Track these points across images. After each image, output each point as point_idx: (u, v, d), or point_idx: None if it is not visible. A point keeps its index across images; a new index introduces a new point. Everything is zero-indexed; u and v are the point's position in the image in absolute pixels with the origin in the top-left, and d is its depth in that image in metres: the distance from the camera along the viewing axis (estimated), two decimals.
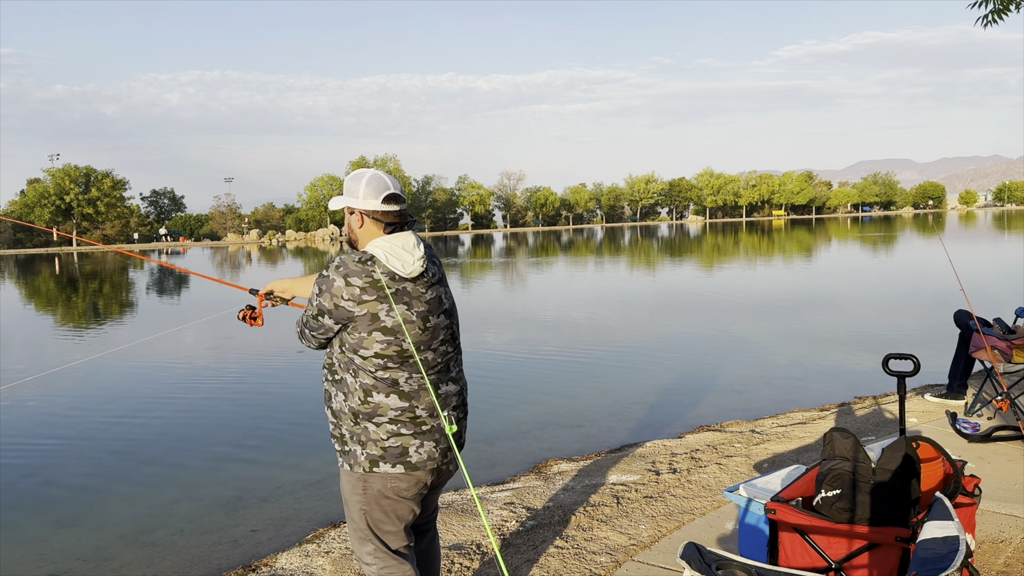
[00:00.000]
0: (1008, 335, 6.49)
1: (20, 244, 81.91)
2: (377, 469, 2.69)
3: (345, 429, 2.73)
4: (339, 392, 2.73)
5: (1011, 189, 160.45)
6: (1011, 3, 7.38)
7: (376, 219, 2.70)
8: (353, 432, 2.71)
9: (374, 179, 2.73)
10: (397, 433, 2.67)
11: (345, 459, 2.76)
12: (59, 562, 5.13)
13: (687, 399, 8.83)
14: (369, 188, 2.71)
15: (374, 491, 2.72)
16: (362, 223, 2.73)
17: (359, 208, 2.71)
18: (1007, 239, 45.56)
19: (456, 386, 2.85)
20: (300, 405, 9.37)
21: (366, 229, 2.73)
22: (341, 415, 2.74)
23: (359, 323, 2.61)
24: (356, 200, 2.71)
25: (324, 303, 2.65)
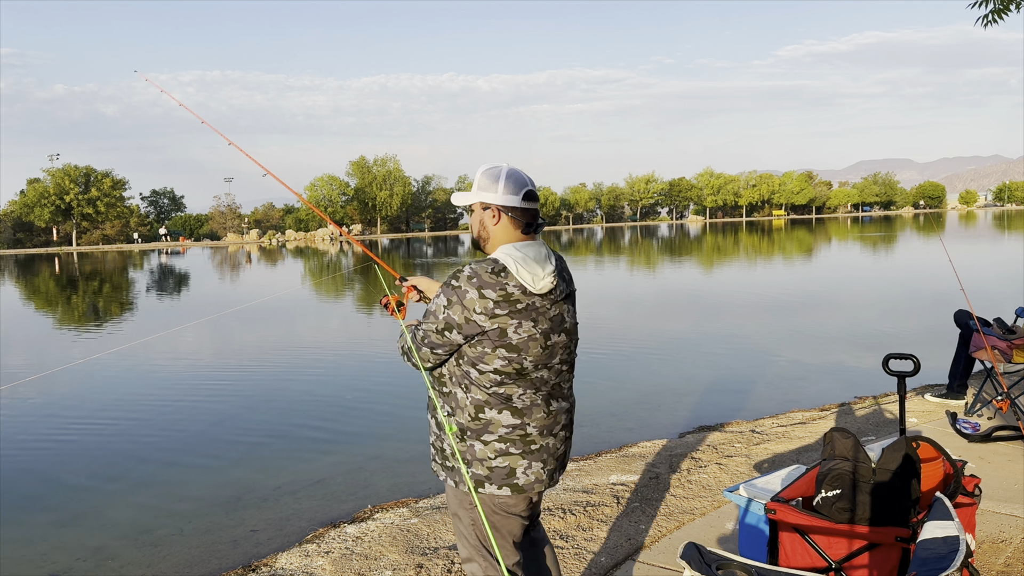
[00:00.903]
0: (1008, 335, 6.49)
1: (20, 244, 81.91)
2: (483, 490, 2.55)
3: (448, 443, 2.60)
4: (446, 405, 2.60)
5: (1011, 189, 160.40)
6: (1011, 3, 7.37)
7: (515, 217, 2.53)
8: (456, 449, 2.54)
9: (513, 174, 2.55)
10: (505, 452, 2.53)
11: (449, 475, 2.63)
12: (59, 562, 5.13)
13: (687, 399, 8.84)
14: (509, 183, 2.52)
15: (484, 508, 2.59)
16: (498, 220, 2.54)
17: (497, 204, 2.53)
18: (1007, 239, 45.56)
19: (566, 403, 2.70)
20: (301, 405, 9.37)
21: (501, 227, 2.55)
22: (444, 431, 2.62)
23: (486, 338, 2.45)
24: (494, 195, 2.53)
25: (454, 316, 2.45)
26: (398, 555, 4.43)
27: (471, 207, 2.60)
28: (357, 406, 9.19)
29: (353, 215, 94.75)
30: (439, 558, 4.32)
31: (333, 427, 8.26)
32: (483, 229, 2.58)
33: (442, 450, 2.63)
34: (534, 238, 2.58)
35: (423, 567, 4.22)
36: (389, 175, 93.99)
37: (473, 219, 2.62)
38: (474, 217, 2.60)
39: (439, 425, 2.63)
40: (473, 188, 2.59)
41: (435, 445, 2.68)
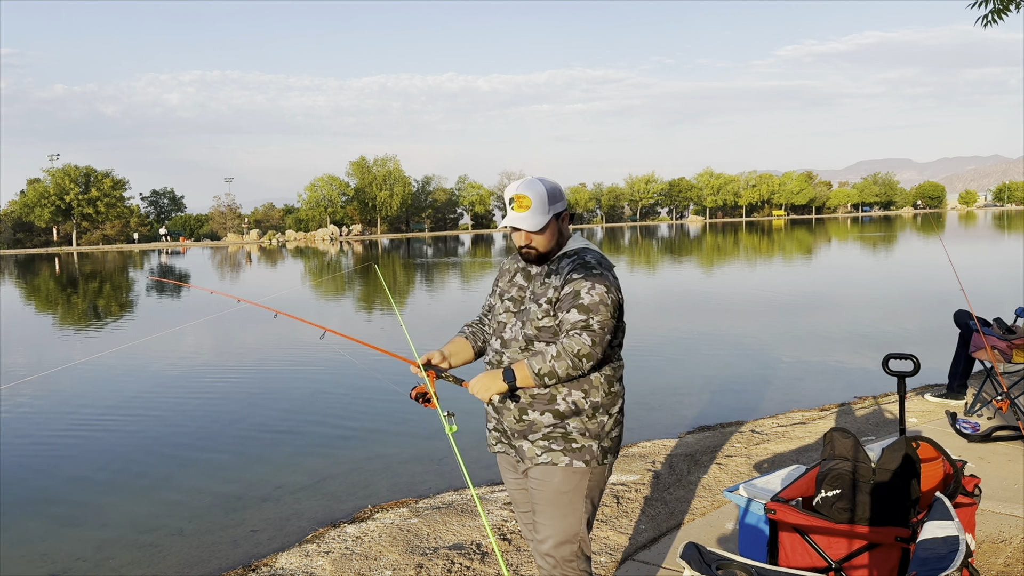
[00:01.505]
0: (1008, 335, 6.49)
1: (20, 244, 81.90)
2: (606, 461, 2.73)
3: (574, 426, 2.66)
4: (575, 390, 2.65)
5: (1011, 189, 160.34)
6: (1011, 3, 7.37)
7: (568, 213, 2.79)
8: (587, 428, 2.67)
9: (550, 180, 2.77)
10: (620, 423, 2.78)
11: (573, 456, 2.67)
12: (59, 562, 5.13)
13: (687, 399, 8.83)
14: (560, 189, 2.76)
15: (595, 484, 2.73)
16: (567, 222, 2.78)
17: (565, 210, 2.76)
18: (1007, 239, 45.56)
19: None
20: (301, 405, 9.37)
21: (568, 227, 2.81)
22: (571, 414, 2.66)
23: (620, 312, 2.70)
24: (562, 203, 2.74)
25: (620, 296, 2.67)
26: (398, 555, 4.43)
27: (545, 226, 2.67)
28: (357, 406, 9.19)
29: (353, 215, 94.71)
30: (439, 558, 4.32)
31: (333, 427, 8.26)
32: (560, 236, 2.74)
33: (565, 435, 2.66)
34: None
35: (423, 567, 4.22)
36: (389, 175, 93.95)
37: (549, 232, 2.69)
38: (550, 231, 2.69)
39: (560, 415, 2.66)
40: (540, 209, 2.65)
41: (550, 435, 2.68)
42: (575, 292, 2.59)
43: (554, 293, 2.65)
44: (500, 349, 2.76)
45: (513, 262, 2.90)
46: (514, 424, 2.72)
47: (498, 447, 2.88)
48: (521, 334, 2.70)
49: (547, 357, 2.55)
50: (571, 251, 2.74)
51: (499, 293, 2.88)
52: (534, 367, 2.56)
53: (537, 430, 2.68)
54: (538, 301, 2.68)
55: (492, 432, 2.88)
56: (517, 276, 2.84)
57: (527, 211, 2.65)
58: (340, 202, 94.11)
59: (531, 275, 2.78)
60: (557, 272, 2.70)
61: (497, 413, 2.77)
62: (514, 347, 2.71)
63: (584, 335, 2.55)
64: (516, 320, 2.74)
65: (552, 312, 2.65)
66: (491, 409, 2.80)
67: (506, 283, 2.87)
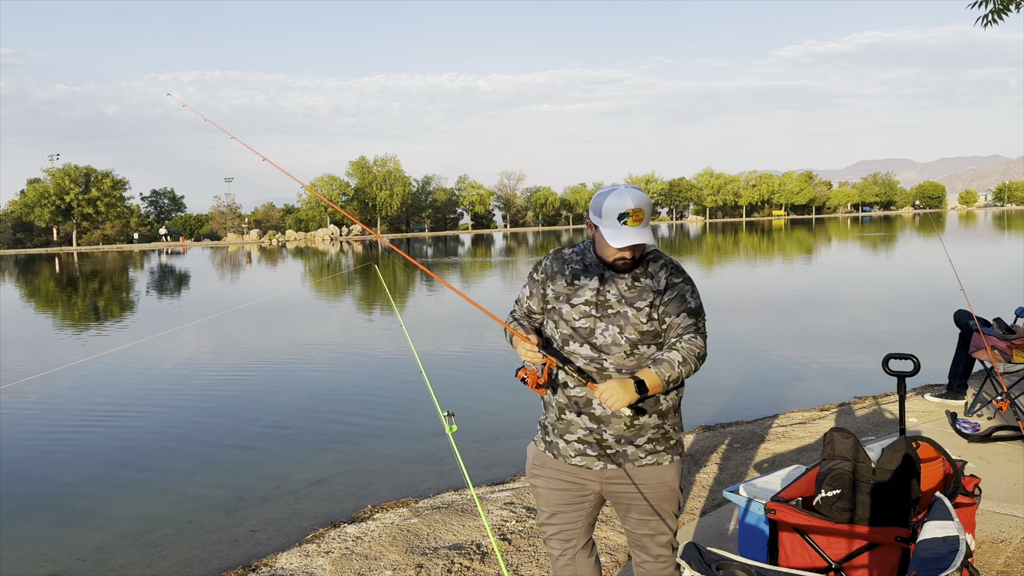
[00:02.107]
0: (1008, 335, 6.49)
1: (20, 244, 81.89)
2: (678, 457, 2.82)
3: (670, 424, 2.76)
4: (672, 390, 2.74)
5: (1011, 189, 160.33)
6: (1011, 3, 7.37)
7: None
8: (676, 423, 2.79)
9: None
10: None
11: (672, 452, 2.77)
12: (59, 562, 5.13)
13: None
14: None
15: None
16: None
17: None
18: (1007, 239, 45.56)
19: None
20: (301, 405, 9.37)
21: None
22: (670, 411, 2.75)
23: None
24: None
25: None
26: (398, 555, 4.43)
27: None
28: (357, 406, 9.19)
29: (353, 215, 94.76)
30: (439, 558, 4.32)
31: (333, 427, 8.26)
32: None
33: (665, 434, 2.73)
34: None
35: (423, 567, 4.22)
36: (389, 175, 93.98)
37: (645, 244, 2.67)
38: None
39: (663, 414, 2.71)
40: (649, 216, 2.64)
41: (652, 437, 2.71)
42: (681, 296, 2.65)
43: (654, 297, 2.64)
44: (595, 355, 2.65)
45: (562, 263, 2.79)
46: (623, 431, 2.67)
47: (579, 460, 2.74)
48: (623, 339, 2.63)
49: (674, 364, 2.56)
50: (650, 253, 2.73)
51: (562, 297, 2.74)
52: (664, 375, 2.55)
53: (644, 433, 2.69)
54: (635, 305, 2.64)
55: (574, 444, 2.74)
56: (584, 279, 2.72)
57: (640, 225, 2.59)
58: (340, 202, 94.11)
59: (606, 278, 2.69)
60: (647, 275, 2.68)
61: (595, 422, 2.69)
62: (616, 352, 2.64)
63: (698, 338, 2.63)
64: (607, 324, 2.65)
65: (655, 316, 2.64)
66: (583, 419, 2.70)
67: (564, 286, 2.74)
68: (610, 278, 2.68)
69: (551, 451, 2.81)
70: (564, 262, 2.79)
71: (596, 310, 2.67)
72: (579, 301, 2.70)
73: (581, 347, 2.68)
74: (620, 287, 2.67)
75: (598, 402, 2.64)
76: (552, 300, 2.77)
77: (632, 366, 2.63)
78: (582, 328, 2.68)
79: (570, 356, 2.69)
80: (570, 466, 2.76)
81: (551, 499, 2.82)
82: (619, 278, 2.67)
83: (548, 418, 2.84)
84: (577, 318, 2.69)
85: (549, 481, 2.82)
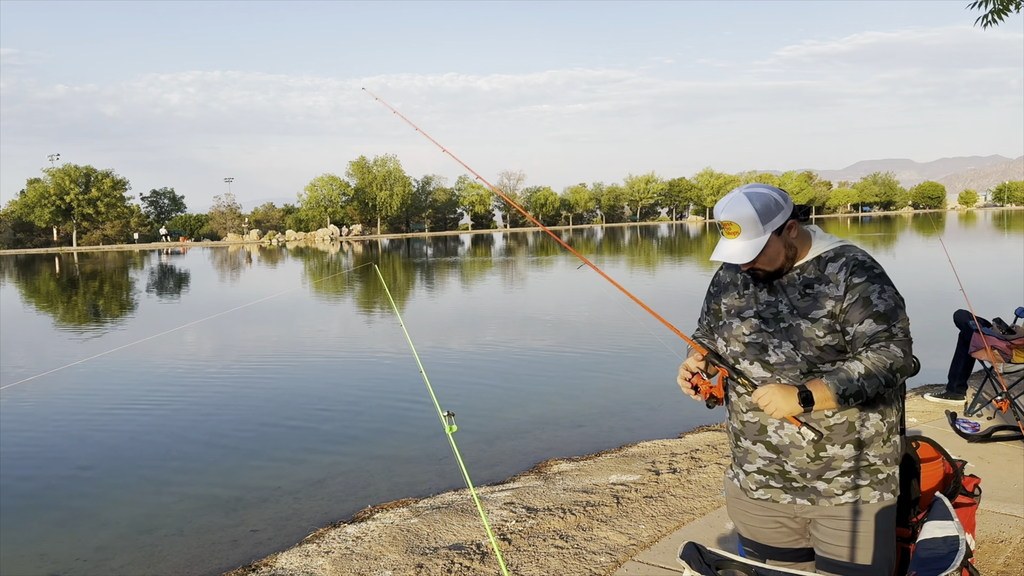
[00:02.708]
0: (1008, 335, 6.49)
1: (20, 244, 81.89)
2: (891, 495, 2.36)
3: (875, 454, 2.32)
4: (872, 413, 2.31)
5: (1011, 189, 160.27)
6: (1011, 3, 7.37)
7: (799, 217, 2.37)
8: (885, 453, 2.33)
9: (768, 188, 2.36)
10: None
11: (882, 489, 2.33)
12: (59, 562, 5.13)
13: (687, 399, 8.79)
14: (781, 195, 2.34)
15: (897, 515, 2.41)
16: (795, 230, 2.35)
17: (789, 218, 2.34)
18: (1007, 239, 45.57)
19: None
20: (301, 405, 9.37)
21: (800, 232, 2.37)
22: (874, 440, 2.32)
23: None
24: (784, 214, 2.31)
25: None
26: (398, 555, 4.43)
27: (765, 245, 2.29)
28: (357, 406, 9.19)
29: (353, 215, 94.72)
30: (439, 558, 4.32)
31: (333, 427, 8.26)
32: (788, 248, 2.33)
33: (869, 466, 2.32)
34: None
35: (423, 567, 4.22)
36: (389, 175, 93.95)
37: (771, 251, 2.30)
38: (772, 249, 2.30)
39: (861, 443, 2.30)
40: (753, 231, 2.27)
41: (845, 471, 2.31)
42: (864, 299, 2.22)
43: (833, 305, 2.25)
44: (767, 375, 2.35)
45: (735, 272, 2.51)
46: (807, 463, 2.32)
47: (761, 492, 2.42)
48: (799, 356, 2.29)
49: (853, 375, 2.17)
50: (829, 252, 2.34)
51: (733, 310, 2.47)
52: (839, 388, 2.16)
53: (837, 466, 2.31)
54: (809, 316, 2.28)
55: (754, 475, 2.43)
56: (753, 288, 2.42)
57: (737, 238, 2.29)
58: (340, 202, 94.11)
59: (776, 287, 2.37)
60: (823, 280, 2.30)
61: (773, 451, 2.37)
62: (791, 372, 2.30)
63: (892, 346, 2.19)
64: (780, 340, 2.32)
65: (836, 327, 2.25)
66: (760, 447, 2.40)
67: (736, 298, 2.46)
68: (783, 286, 2.36)
69: (737, 481, 2.52)
70: (737, 270, 2.49)
71: (767, 324, 2.35)
72: (749, 314, 2.40)
73: (752, 366, 2.39)
74: (792, 296, 2.33)
75: (774, 428, 2.35)
76: (724, 315, 2.50)
77: None
78: (753, 344, 2.38)
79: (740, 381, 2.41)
80: (754, 501, 2.44)
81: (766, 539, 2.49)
82: (792, 286, 2.34)
83: (731, 446, 2.56)
84: (747, 333, 2.40)
85: (748, 522, 2.52)
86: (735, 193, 2.32)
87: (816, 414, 2.26)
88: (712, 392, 2.42)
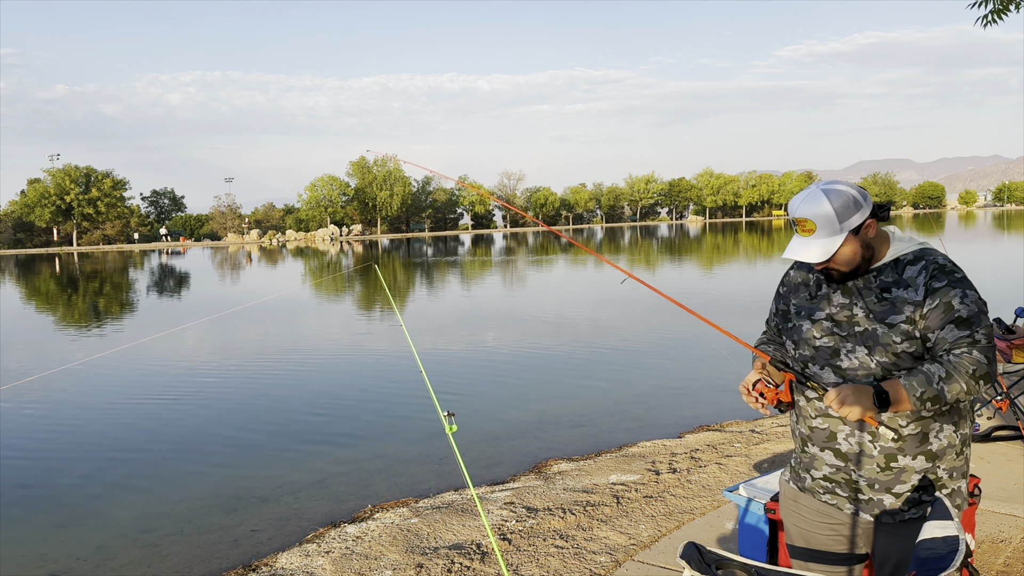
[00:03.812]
0: (1008, 335, 6.49)
1: (20, 244, 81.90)
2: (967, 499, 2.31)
3: (944, 468, 2.23)
4: (946, 423, 2.22)
5: (1011, 189, 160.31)
6: (1011, 3, 7.37)
7: (879, 216, 2.25)
8: (955, 467, 2.24)
9: (846, 184, 2.23)
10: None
11: (951, 499, 2.24)
12: (59, 562, 5.13)
13: (687, 399, 8.84)
14: (860, 193, 2.22)
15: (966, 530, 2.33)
16: (874, 228, 2.23)
17: (868, 217, 2.22)
18: (1007, 239, 45.57)
19: None
20: (301, 405, 9.37)
21: (878, 232, 2.26)
22: (943, 453, 2.23)
23: None
24: (863, 213, 2.19)
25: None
26: (398, 555, 4.43)
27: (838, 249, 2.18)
28: (357, 406, 9.19)
29: (353, 215, 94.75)
30: (439, 558, 4.32)
31: (333, 427, 8.27)
32: (866, 249, 2.22)
33: (937, 479, 2.23)
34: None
35: (423, 567, 4.22)
36: (389, 175, 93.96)
37: (847, 251, 2.18)
38: (846, 250, 2.18)
39: (932, 455, 2.21)
40: (829, 230, 2.17)
41: (917, 484, 2.22)
42: (946, 304, 2.11)
43: (912, 311, 2.14)
44: (839, 381, 2.25)
45: (808, 272, 2.40)
46: (876, 474, 2.23)
47: (828, 497, 2.35)
48: (873, 362, 2.19)
49: (932, 378, 2.08)
50: (908, 255, 2.22)
51: (803, 312, 2.36)
52: (916, 390, 2.07)
53: (907, 479, 2.22)
54: (887, 321, 2.17)
55: (820, 481, 2.35)
56: (826, 290, 2.31)
57: (811, 236, 2.19)
58: (340, 202, 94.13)
59: (851, 289, 2.26)
60: (902, 284, 2.18)
61: (842, 459, 2.28)
62: (864, 379, 2.21)
63: (974, 352, 2.09)
64: (853, 345, 2.22)
65: (915, 334, 2.15)
66: (827, 454, 2.31)
67: (807, 299, 2.36)
68: (858, 289, 2.25)
69: (797, 484, 2.44)
70: (810, 270, 2.39)
71: (840, 328, 2.25)
72: (821, 316, 2.30)
73: (822, 371, 2.29)
74: (869, 300, 2.22)
75: (844, 436, 2.26)
76: (793, 316, 2.39)
77: None
78: (824, 348, 2.28)
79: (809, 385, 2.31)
80: (819, 502, 2.37)
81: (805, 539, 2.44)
82: (868, 288, 2.23)
83: (795, 450, 2.48)
84: (818, 336, 2.30)
85: (800, 519, 2.45)
86: (812, 189, 2.21)
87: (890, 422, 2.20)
88: (779, 397, 2.31)
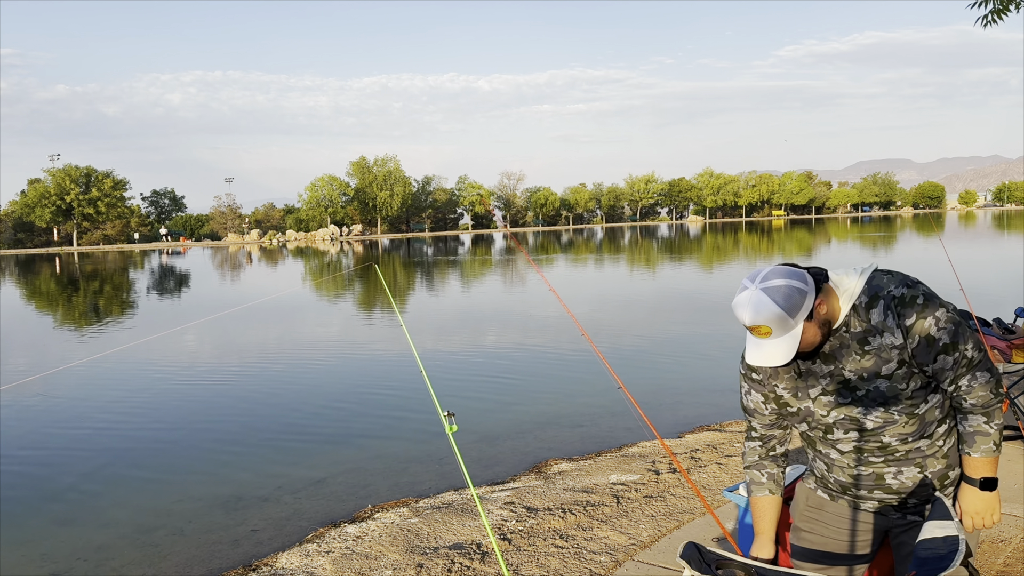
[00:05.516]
0: (1007, 335, 6.49)
1: (21, 244, 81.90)
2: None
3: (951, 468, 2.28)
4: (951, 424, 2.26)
5: (1011, 189, 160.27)
6: (1011, 3, 7.37)
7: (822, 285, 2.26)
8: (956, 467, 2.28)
9: (785, 275, 2.20)
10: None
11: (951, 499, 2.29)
12: (59, 562, 5.13)
13: (687, 399, 8.84)
14: (802, 279, 2.20)
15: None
16: (825, 303, 2.19)
17: (815, 301, 2.17)
18: (1007, 239, 45.56)
19: None
20: (301, 404, 9.37)
21: (829, 298, 2.22)
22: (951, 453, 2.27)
23: None
24: (811, 299, 2.15)
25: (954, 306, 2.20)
26: (398, 555, 4.43)
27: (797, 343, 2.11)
28: (357, 406, 9.19)
29: (353, 215, 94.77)
30: (439, 558, 4.32)
31: (333, 427, 8.27)
32: (823, 326, 2.16)
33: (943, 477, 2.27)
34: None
35: (423, 567, 4.22)
36: (389, 175, 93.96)
37: (808, 336, 2.12)
38: (808, 334, 2.12)
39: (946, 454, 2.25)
40: (783, 327, 2.09)
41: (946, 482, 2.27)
42: (926, 338, 2.08)
43: (899, 354, 2.11)
44: (867, 438, 2.21)
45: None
46: (929, 493, 2.28)
47: (869, 505, 2.34)
48: (895, 413, 2.16)
49: (987, 431, 2.16)
50: (862, 298, 2.19)
51: (799, 393, 2.28)
52: (993, 449, 2.17)
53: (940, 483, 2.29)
54: (883, 375, 2.14)
55: (845, 495, 2.36)
56: (805, 364, 2.25)
57: (769, 337, 2.11)
58: (340, 202, 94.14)
59: (829, 355, 2.20)
60: (874, 331, 2.13)
61: (894, 493, 2.27)
62: (891, 427, 2.18)
63: (978, 375, 2.12)
64: (865, 407, 2.18)
65: (913, 371, 2.13)
66: (877, 493, 2.29)
67: (794, 379, 2.28)
68: (835, 351, 2.18)
69: (827, 493, 2.41)
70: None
71: (842, 396, 2.20)
72: (817, 392, 2.24)
73: (847, 434, 2.24)
74: (850, 359, 2.16)
75: (892, 475, 2.24)
76: (789, 400, 2.30)
77: (916, 429, 2.18)
78: (840, 421, 2.23)
79: (835, 444, 2.27)
80: (851, 508, 2.37)
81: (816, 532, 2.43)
82: (845, 347, 2.17)
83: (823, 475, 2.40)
84: (827, 414, 2.24)
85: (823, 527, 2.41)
86: (751, 295, 2.11)
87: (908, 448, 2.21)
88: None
